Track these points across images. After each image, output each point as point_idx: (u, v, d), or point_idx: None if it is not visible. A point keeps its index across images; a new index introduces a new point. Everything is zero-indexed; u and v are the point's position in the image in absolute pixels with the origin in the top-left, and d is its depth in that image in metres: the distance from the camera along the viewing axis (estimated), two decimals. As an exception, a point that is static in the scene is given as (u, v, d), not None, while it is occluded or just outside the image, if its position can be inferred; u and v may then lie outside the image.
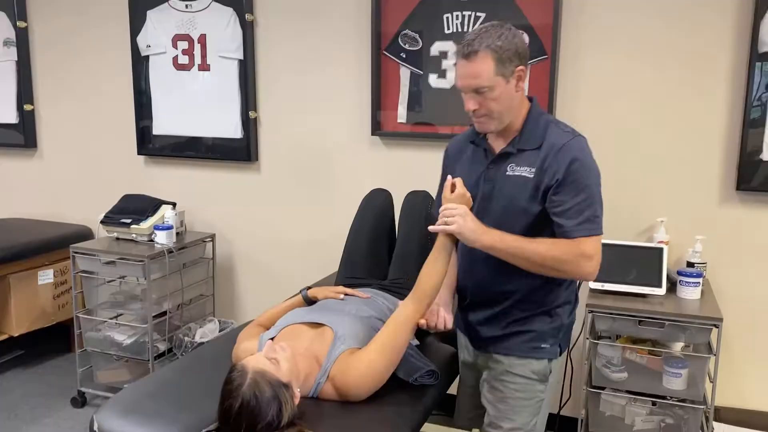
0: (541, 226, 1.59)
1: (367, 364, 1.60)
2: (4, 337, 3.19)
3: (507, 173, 1.63)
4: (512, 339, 1.69)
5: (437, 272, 1.67)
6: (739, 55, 2.32)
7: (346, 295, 1.95)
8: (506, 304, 1.69)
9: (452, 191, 1.63)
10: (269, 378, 1.44)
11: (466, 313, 1.80)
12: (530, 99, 1.67)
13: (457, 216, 1.57)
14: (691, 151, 2.42)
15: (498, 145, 1.67)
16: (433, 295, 1.68)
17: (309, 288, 2.01)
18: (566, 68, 2.52)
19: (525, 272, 1.60)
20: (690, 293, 2.21)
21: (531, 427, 1.70)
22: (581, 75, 2.51)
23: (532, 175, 1.58)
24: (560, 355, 1.73)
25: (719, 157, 2.40)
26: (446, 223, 1.59)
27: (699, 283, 2.22)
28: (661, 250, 2.24)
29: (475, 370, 1.85)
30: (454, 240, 1.66)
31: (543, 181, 1.57)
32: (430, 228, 1.64)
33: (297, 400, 1.49)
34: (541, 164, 1.58)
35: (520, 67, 1.55)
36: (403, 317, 1.66)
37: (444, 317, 1.77)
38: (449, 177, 1.67)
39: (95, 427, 1.52)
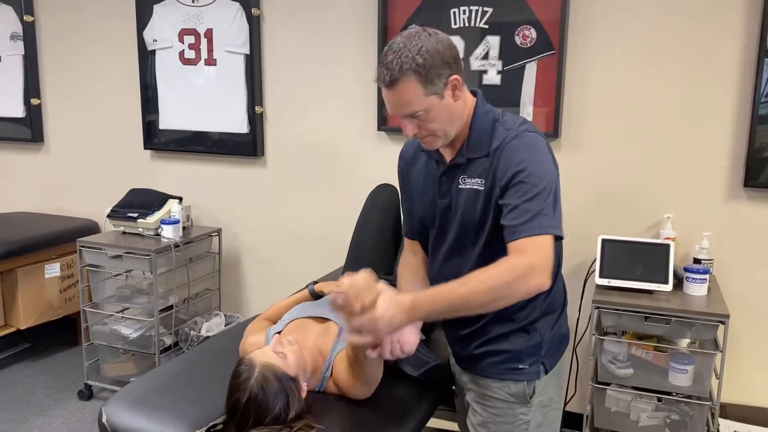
0: (501, 241, 1.39)
1: (346, 381, 1.59)
2: (12, 330, 3.20)
3: (460, 186, 1.48)
4: (487, 359, 1.54)
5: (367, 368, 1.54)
6: (747, 51, 2.31)
7: (352, 289, 1.95)
8: (480, 323, 1.54)
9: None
10: (276, 372, 1.45)
11: (446, 329, 1.68)
12: (475, 93, 1.50)
13: (373, 333, 1.34)
14: (698, 148, 2.41)
15: (448, 154, 1.51)
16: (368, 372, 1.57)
17: (315, 282, 2.01)
18: (574, 64, 2.51)
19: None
20: (696, 290, 2.21)
21: None
22: (589, 71, 2.50)
23: (483, 187, 1.44)
24: (546, 373, 1.54)
25: (727, 154, 2.39)
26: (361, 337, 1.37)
27: (706, 279, 2.21)
28: (667, 246, 2.24)
29: (459, 386, 1.75)
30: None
31: (494, 189, 1.42)
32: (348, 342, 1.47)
33: (304, 394, 1.50)
34: (489, 173, 1.42)
35: (453, 76, 1.38)
36: (351, 359, 1.57)
37: (395, 343, 1.45)
38: (333, 293, 1.37)
39: (103, 420, 1.53)
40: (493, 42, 2.58)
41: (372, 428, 1.49)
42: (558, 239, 1.39)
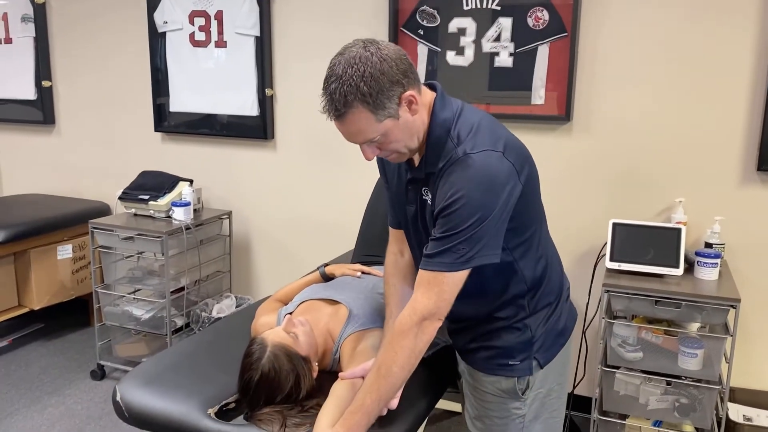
0: None
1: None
2: (25, 310, 3.24)
3: (423, 197, 1.40)
4: (479, 353, 1.51)
5: None
6: (762, 35, 2.28)
7: (362, 273, 1.96)
8: (470, 321, 1.52)
9: None
10: (288, 351, 1.46)
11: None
12: (434, 87, 1.38)
13: None
14: (712, 132, 2.40)
15: (416, 159, 1.41)
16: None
17: (327, 265, 2.02)
18: (586, 47, 2.49)
19: (479, 299, 1.44)
20: (708, 274, 2.20)
21: None
22: (601, 53, 2.48)
23: (431, 204, 1.37)
24: (541, 368, 1.49)
25: (741, 138, 2.37)
26: None
27: (717, 264, 2.20)
28: (679, 230, 2.23)
29: (458, 373, 1.75)
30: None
31: (434, 210, 1.34)
32: None
33: (315, 374, 1.51)
34: (435, 191, 1.35)
35: (406, 93, 1.26)
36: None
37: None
38: None
39: (117, 398, 1.55)
40: (506, 24, 2.55)
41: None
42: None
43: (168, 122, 3.30)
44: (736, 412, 2.34)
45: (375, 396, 1.34)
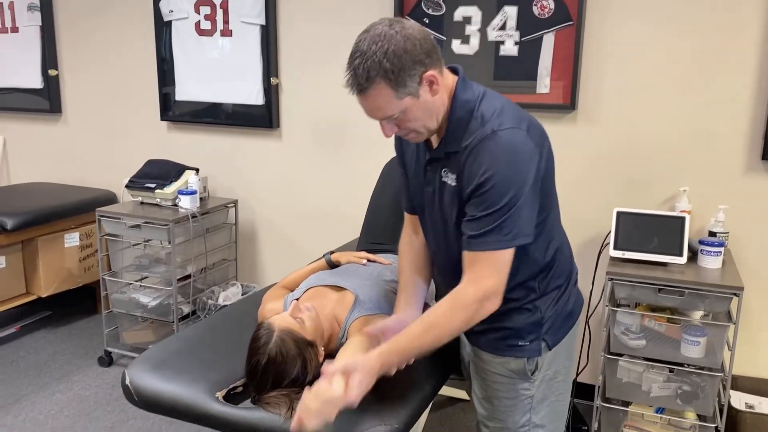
0: None
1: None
2: (33, 297, 3.28)
3: (442, 179, 1.42)
4: (488, 335, 1.53)
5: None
6: (769, 22, 2.28)
7: (368, 260, 1.98)
8: None
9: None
10: (294, 336, 1.48)
11: None
12: (456, 70, 1.41)
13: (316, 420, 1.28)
14: (717, 121, 2.40)
15: (435, 141, 1.44)
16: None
17: (332, 252, 2.04)
18: (592, 36, 2.49)
19: None
20: (711, 262, 2.21)
21: (523, 423, 1.55)
22: (607, 42, 2.48)
23: (455, 184, 1.38)
24: (549, 349, 1.52)
25: (745, 127, 2.37)
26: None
27: (720, 252, 2.21)
28: (683, 219, 2.23)
29: (464, 357, 1.78)
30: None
31: (463, 190, 1.36)
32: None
33: (321, 358, 1.53)
34: (460, 170, 1.37)
35: (428, 73, 1.29)
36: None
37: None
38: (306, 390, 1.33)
39: (127, 382, 1.57)
40: (511, 12, 2.55)
41: (387, 392, 1.52)
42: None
43: (174, 111, 3.32)
44: (739, 399, 2.36)
45: (415, 347, 1.37)
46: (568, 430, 2.53)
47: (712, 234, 2.34)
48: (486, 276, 1.35)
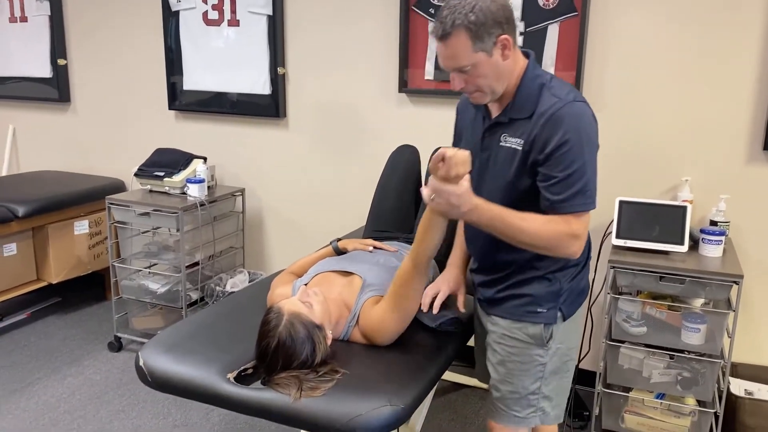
0: (531, 201, 1.52)
1: (380, 316, 1.67)
2: (44, 284, 3.33)
3: (500, 143, 1.56)
4: (509, 302, 1.65)
5: (432, 237, 1.59)
6: (772, 13, 2.30)
7: (374, 247, 2.02)
8: (506, 271, 1.65)
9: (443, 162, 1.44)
10: (303, 320, 1.53)
11: (472, 274, 1.81)
12: (527, 54, 1.56)
13: (443, 200, 1.44)
14: (719, 111, 2.42)
15: (495, 110, 1.59)
16: (430, 255, 1.63)
17: (339, 240, 2.07)
18: (596, 26, 2.51)
19: None
20: (712, 251, 2.25)
21: (533, 390, 1.65)
22: (611, 33, 2.50)
23: (521, 147, 1.51)
24: (564, 320, 1.64)
25: (747, 117, 2.39)
26: (432, 200, 1.47)
27: (721, 241, 2.24)
28: (684, 208, 2.26)
29: (482, 329, 1.85)
30: None
31: (531, 153, 1.49)
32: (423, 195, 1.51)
33: (329, 341, 1.58)
34: (530, 135, 1.49)
35: (503, 36, 1.44)
36: (404, 274, 1.65)
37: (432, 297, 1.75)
38: (441, 149, 1.48)
39: (140, 363, 1.62)
40: (515, 3, 2.58)
41: (393, 374, 1.57)
42: None
43: (181, 101, 3.35)
44: (738, 386, 2.39)
45: (505, 222, 1.47)
46: (569, 416, 2.57)
47: (713, 223, 2.37)
48: (579, 231, 1.49)
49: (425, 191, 1.47)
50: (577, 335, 1.73)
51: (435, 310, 1.75)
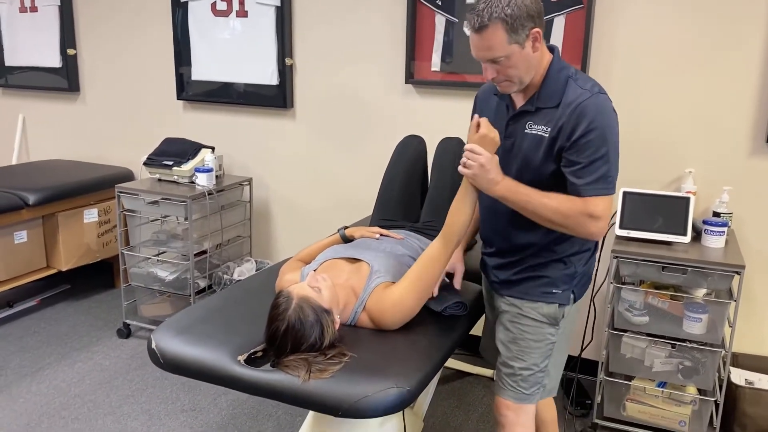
0: (556, 185, 1.59)
1: (398, 297, 1.70)
2: (53, 271, 3.37)
3: (525, 130, 1.63)
4: (525, 283, 1.73)
5: (464, 211, 1.68)
6: (778, 6, 2.31)
7: (381, 235, 2.05)
8: (524, 254, 1.72)
9: (477, 131, 1.59)
10: (312, 304, 1.56)
11: (486, 257, 1.86)
12: (552, 49, 1.63)
13: (476, 163, 1.56)
14: (722, 103, 2.44)
15: (519, 100, 1.66)
16: (460, 232, 1.70)
17: (346, 227, 2.11)
18: (602, 18, 2.53)
19: (543, 226, 1.63)
20: (714, 242, 2.27)
21: (542, 368, 1.73)
22: (617, 25, 2.52)
23: (547, 135, 1.58)
24: (574, 302, 1.74)
25: (751, 109, 2.41)
26: (465, 165, 1.58)
27: (724, 232, 2.27)
28: (687, 199, 2.29)
29: (492, 310, 1.91)
30: None
31: (558, 140, 1.57)
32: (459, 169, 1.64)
33: (337, 326, 1.61)
34: (557, 123, 1.56)
35: (535, 29, 1.52)
36: (432, 254, 1.72)
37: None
38: (476, 116, 1.63)
39: (153, 346, 1.65)
40: (522, -5, 2.59)
41: (399, 357, 1.60)
42: None
43: (189, 91, 3.38)
44: (739, 375, 2.42)
45: (530, 198, 1.56)
46: (571, 404, 2.60)
47: (716, 214, 2.39)
48: (602, 214, 1.56)
49: (460, 163, 1.58)
50: (573, 322, 1.82)
51: (434, 293, 1.82)
